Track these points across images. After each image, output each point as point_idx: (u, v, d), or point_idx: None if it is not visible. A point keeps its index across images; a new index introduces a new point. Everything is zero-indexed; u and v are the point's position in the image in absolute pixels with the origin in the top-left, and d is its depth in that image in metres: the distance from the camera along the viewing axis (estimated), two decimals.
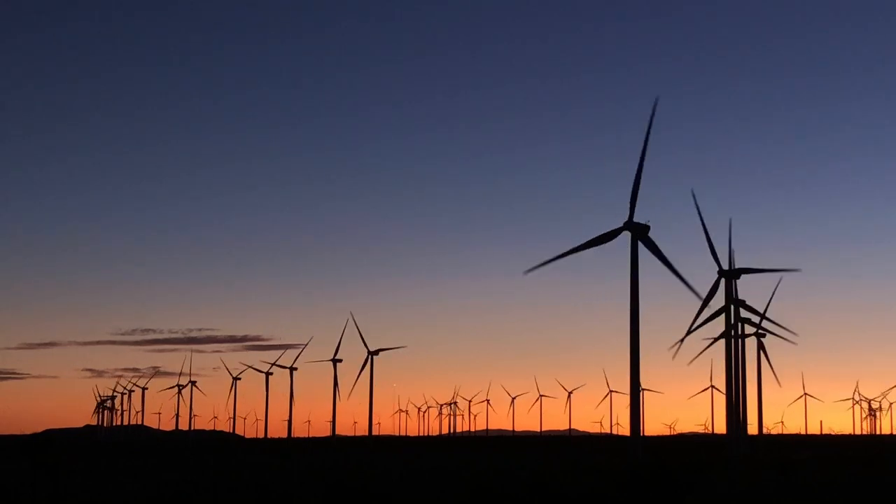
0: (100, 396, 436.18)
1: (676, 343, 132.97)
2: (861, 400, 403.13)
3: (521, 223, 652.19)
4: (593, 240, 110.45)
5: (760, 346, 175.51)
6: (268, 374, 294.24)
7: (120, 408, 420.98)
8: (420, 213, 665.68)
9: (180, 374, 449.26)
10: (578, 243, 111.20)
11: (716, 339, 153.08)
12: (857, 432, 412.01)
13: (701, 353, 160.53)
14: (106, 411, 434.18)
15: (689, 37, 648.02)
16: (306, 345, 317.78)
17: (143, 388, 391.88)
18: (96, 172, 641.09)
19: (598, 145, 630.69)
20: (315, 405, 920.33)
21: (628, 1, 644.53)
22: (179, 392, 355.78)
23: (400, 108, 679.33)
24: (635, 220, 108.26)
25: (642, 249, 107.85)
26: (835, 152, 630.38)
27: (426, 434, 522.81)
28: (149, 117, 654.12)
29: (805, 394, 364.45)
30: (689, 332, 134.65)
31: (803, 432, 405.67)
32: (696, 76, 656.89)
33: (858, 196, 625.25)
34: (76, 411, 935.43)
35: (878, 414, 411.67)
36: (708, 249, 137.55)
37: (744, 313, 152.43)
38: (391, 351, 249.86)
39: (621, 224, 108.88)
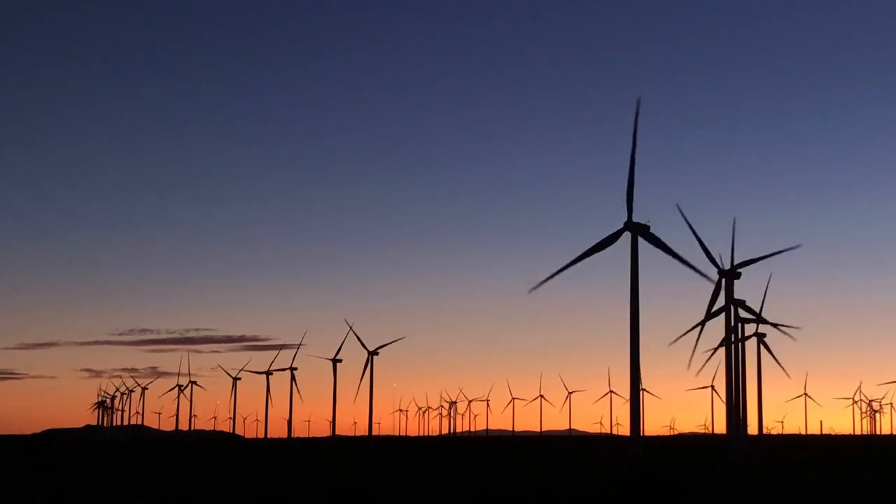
0: (103, 395, 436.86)
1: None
2: (861, 400, 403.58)
3: (522, 223, 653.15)
4: (595, 245, 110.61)
5: (761, 342, 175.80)
6: (268, 374, 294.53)
7: (120, 408, 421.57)
8: (421, 213, 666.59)
9: (178, 374, 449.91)
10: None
11: (717, 347, 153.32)
12: (857, 432, 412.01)
13: (705, 363, 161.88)
14: (105, 411, 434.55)
15: (684, 37, 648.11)
16: (301, 342, 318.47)
17: (144, 388, 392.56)
18: (94, 173, 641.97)
19: (600, 145, 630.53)
20: (315, 405, 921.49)
21: (623, 3, 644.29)
22: (181, 392, 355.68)
23: (400, 108, 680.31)
24: (634, 219, 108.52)
25: (644, 248, 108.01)
26: (837, 151, 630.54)
27: (426, 434, 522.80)
28: (147, 119, 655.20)
29: (805, 393, 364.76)
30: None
31: (803, 432, 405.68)
32: (694, 76, 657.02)
33: (860, 194, 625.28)
34: (75, 411, 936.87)
35: (877, 415, 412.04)
36: (705, 255, 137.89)
37: (743, 314, 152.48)
38: (391, 346, 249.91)
39: (621, 225, 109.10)
